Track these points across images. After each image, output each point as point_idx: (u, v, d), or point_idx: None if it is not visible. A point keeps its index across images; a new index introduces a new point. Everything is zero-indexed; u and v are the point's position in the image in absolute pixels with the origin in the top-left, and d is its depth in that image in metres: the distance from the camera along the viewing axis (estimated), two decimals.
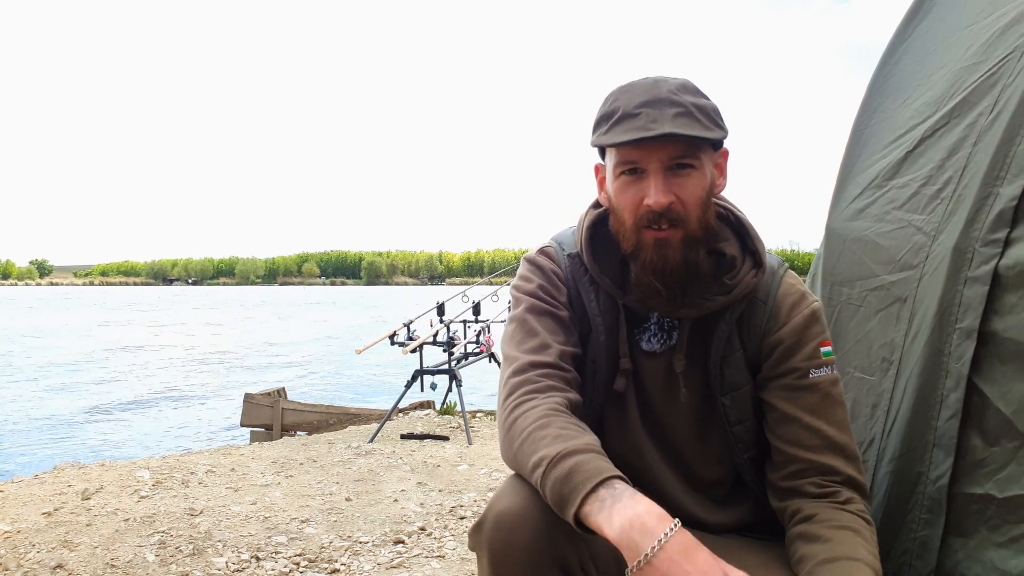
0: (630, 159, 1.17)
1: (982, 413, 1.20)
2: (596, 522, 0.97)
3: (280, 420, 6.86)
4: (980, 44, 1.50)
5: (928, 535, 1.25)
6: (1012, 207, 1.21)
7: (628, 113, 1.14)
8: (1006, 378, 1.17)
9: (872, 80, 1.99)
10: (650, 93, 1.14)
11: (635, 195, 1.17)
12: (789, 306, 1.25)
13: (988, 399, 1.19)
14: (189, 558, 2.71)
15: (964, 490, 1.21)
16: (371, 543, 2.99)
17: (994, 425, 1.18)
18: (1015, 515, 1.12)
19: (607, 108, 1.18)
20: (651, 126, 1.11)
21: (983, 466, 1.19)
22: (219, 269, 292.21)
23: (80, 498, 3.38)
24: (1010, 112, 1.29)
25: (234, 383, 15.12)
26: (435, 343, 6.16)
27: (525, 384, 1.19)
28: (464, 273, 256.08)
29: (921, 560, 1.25)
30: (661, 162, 1.15)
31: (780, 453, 1.22)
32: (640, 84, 1.18)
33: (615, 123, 1.15)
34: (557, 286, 1.31)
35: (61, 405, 12.39)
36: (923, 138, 1.58)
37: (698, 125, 1.13)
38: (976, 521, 1.18)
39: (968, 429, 1.22)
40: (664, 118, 1.11)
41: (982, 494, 1.18)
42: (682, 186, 1.16)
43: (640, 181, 1.17)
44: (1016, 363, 1.15)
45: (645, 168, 1.16)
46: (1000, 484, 1.15)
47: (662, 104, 1.13)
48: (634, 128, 1.12)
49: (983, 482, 1.18)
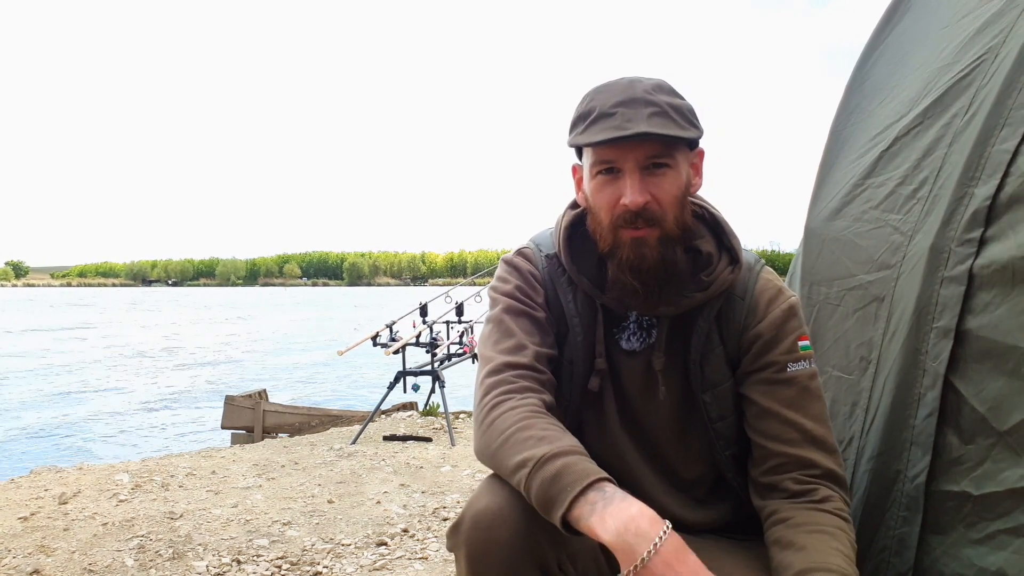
0: (606, 159, 1.17)
1: (958, 411, 1.22)
2: (588, 524, 0.97)
3: (261, 422, 6.81)
4: (955, 45, 1.52)
5: (906, 533, 1.26)
6: (986, 207, 1.22)
7: (604, 113, 1.15)
8: (980, 376, 1.19)
9: (850, 81, 2.01)
10: (625, 93, 1.15)
11: (612, 194, 1.18)
12: (767, 301, 1.26)
13: (964, 397, 1.21)
14: (169, 562, 2.69)
15: (941, 488, 1.22)
16: (354, 545, 2.97)
17: (969, 423, 1.19)
18: (991, 512, 1.13)
19: (583, 108, 1.19)
20: (626, 125, 1.12)
21: (959, 464, 1.20)
22: (199, 270, 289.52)
23: (57, 502, 3.34)
24: (985, 113, 1.30)
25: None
26: (418, 344, 6.14)
27: (501, 384, 1.19)
28: (447, 274, 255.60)
29: (899, 558, 1.26)
30: (637, 161, 1.15)
31: (759, 448, 1.23)
32: (616, 84, 1.18)
33: (591, 123, 1.16)
34: (534, 287, 1.31)
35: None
36: (898, 137, 1.60)
37: (673, 124, 1.13)
38: (953, 518, 1.19)
39: (944, 427, 1.24)
40: (639, 117, 1.12)
41: (959, 491, 1.19)
42: (658, 185, 1.16)
43: (616, 180, 1.18)
44: (990, 361, 1.17)
45: (621, 167, 1.17)
46: (976, 481, 1.16)
47: (637, 104, 1.13)
48: (610, 128, 1.13)
49: (960, 480, 1.19)
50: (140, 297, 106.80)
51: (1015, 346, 1.13)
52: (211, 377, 16.51)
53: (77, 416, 11.93)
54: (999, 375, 1.15)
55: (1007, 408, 1.13)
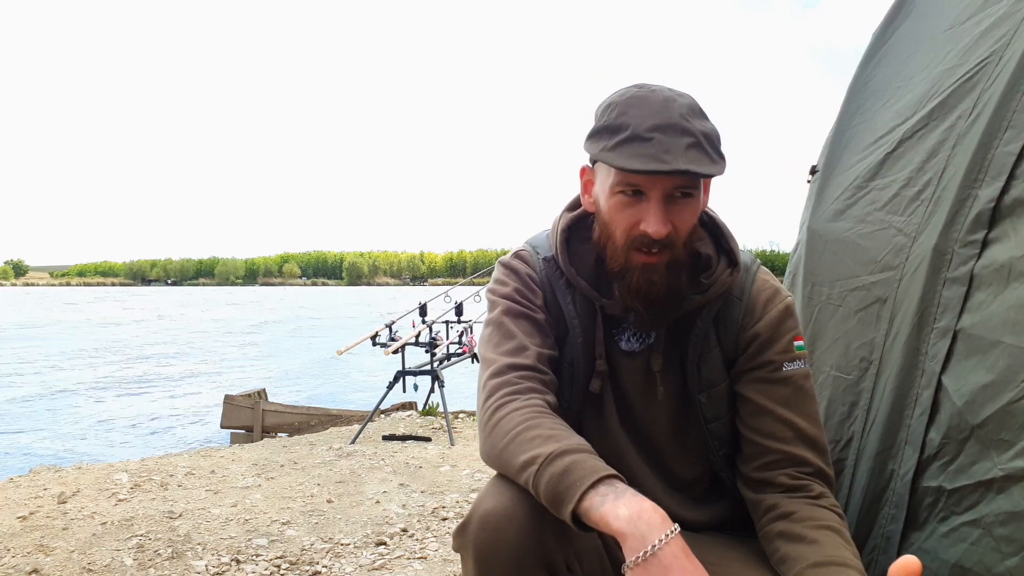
0: (633, 183, 1.14)
1: (942, 408, 1.23)
2: (599, 514, 0.97)
3: (261, 422, 6.81)
4: (960, 48, 1.52)
5: (892, 531, 1.28)
6: (990, 209, 1.23)
7: (639, 135, 1.10)
8: (966, 372, 1.20)
9: (852, 81, 2.01)
10: (661, 116, 1.11)
11: (631, 217, 1.16)
12: (764, 301, 1.27)
13: (948, 392, 1.22)
14: (168, 562, 2.68)
15: (923, 484, 1.24)
16: (353, 545, 2.97)
17: (948, 417, 1.21)
18: (960, 506, 1.15)
19: (612, 120, 1.15)
20: (664, 157, 1.08)
21: (938, 459, 1.22)
22: (199, 270, 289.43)
23: (56, 502, 3.33)
24: (988, 115, 1.30)
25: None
26: (417, 344, 6.14)
27: (505, 385, 1.19)
28: (446, 273, 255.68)
29: (886, 555, 1.28)
30: (664, 190, 1.13)
31: (753, 445, 1.24)
32: (650, 101, 1.14)
33: (623, 142, 1.12)
34: (532, 289, 1.31)
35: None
36: (903, 140, 1.60)
37: (707, 160, 1.11)
38: (928, 514, 1.21)
39: (929, 424, 1.25)
40: (677, 149, 1.08)
41: (935, 487, 1.21)
42: (679, 214, 1.15)
43: (638, 204, 1.15)
44: (977, 357, 1.18)
45: (647, 193, 1.14)
46: (950, 476, 1.18)
47: (674, 131, 1.10)
48: (646, 156, 1.09)
49: (938, 475, 1.21)
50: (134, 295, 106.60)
51: (999, 341, 1.14)
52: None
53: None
54: (980, 370, 1.17)
55: (981, 402, 1.15)
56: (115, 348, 23.91)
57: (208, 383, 15.76)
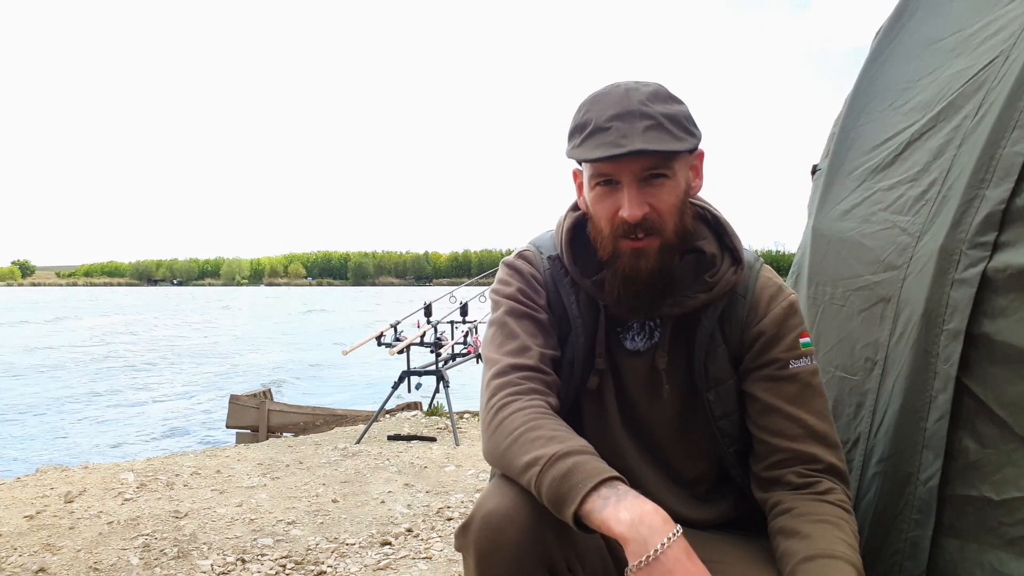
0: (603, 172, 1.18)
1: (975, 416, 1.21)
2: (601, 517, 0.98)
3: (266, 422, 6.82)
4: (968, 49, 1.51)
5: (919, 536, 1.25)
6: (1000, 210, 1.21)
7: (599, 127, 1.15)
8: (999, 381, 1.18)
9: (858, 82, 2.00)
10: (620, 105, 1.15)
11: (610, 206, 1.19)
12: (768, 298, 1.27)
13: (981, 402, 1.20)
14: (174, 561, 2.69)
15: (958, 492, 1.22)
16: (358, 545, 2.97)
17: (988, 428, 1.18)
18: (1012, 517, 1.13)
19: (579, 119, 1.19)
20: (621, 142, 1.12)
21: (977, 468, 1.19)
22: (204, 270, 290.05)
23: (63, 501, 3.34)
24: (995, 115, 1.29)
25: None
26: (422, 344, 6.14)
27: (508, 386, 1.20)
28: (451, 273, 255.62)
29: (912, 561, 1.26)
30: (634, 174, 1.16)
31: (762, 443, 1.24)
32: (611, 95, 1.18)
33: (587, 136, 1.16)
34: (536, 289, 1.32)
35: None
36: (910, 141, 1.60)
37: (668, 138, 1.13)
38: (973, 523, 1.19)
39: (960, 431, 1.23)
40: (634, 132, 1.12)
41: (978, 496, 1.18)
42: (656, 196, 1.17)
43: (615, 192, 1.18)
44: (1010, 365, 1.16)
45: (619, 180, 1.17)
46: (996, 486, 1.15)
47: (632, 117, 1.13)
48: (605, 144, 1.13)
49: (979, 484, 1.18)
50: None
51: None
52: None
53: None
54: (1019, 380, 1.15)
55: None
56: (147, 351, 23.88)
57: (214, 383, 15.80)
